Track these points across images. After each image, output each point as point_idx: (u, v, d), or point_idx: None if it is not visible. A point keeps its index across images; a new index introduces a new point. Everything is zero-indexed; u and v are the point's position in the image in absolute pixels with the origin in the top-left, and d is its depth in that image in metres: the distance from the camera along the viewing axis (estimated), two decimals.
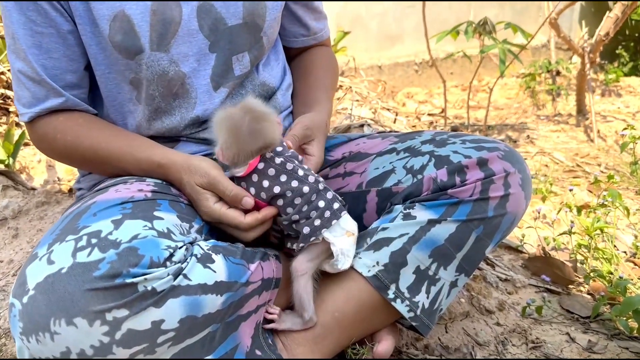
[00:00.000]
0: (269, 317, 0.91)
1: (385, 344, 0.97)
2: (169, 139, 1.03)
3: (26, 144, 1.68)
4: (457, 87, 3.55)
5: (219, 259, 0.82)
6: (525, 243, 1.48)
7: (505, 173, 0.94)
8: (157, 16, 0.95)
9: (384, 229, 0.95)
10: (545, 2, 2.99)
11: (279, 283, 0.92)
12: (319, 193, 0.91)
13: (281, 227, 0.94)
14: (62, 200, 1.35)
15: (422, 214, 0.93)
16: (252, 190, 0.89)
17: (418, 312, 0.94)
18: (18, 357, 0.73)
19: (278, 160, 0.89)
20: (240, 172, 0.89)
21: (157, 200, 0.88)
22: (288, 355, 0.91)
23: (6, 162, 1.49)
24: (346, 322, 0.94)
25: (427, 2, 3.72)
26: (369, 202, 1.03)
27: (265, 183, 0.89)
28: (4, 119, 1.86)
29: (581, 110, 2.89)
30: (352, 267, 0.93)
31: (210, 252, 0.82)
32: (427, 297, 0.94)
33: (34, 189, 1.46)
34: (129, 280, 0.70)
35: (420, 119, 2.63)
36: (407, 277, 0.93)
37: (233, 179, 0.91)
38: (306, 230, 0.90)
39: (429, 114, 2.71)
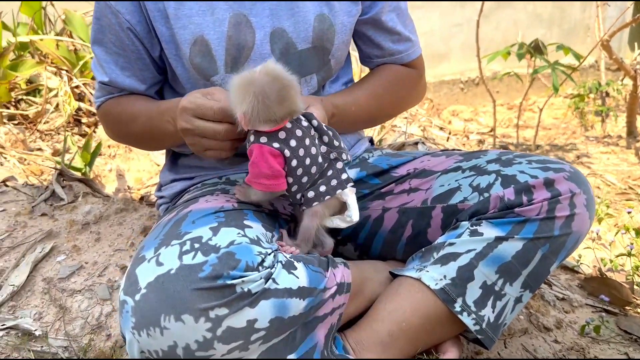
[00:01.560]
0: (289, 250, 0.93)
1: (450, 355, 1.01)
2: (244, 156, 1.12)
3: (99, 154, 1.79)
4: (503, 105, 3.56)
5: (300, 266, 0.88)
6: (581, 263, 1.49)
7: (571, 193, 0.98)
8: (232, 41, 1.03)
9: (450, 244, 0.99)
10: (595, 23, 2.99)
11: (350, 287, 0.97)
12: (330, 162, 0.95)
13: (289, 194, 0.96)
14: (139, 208, 1.44)
15: (489, 231, 0.97)
16: (276, 145, 0.88)
17: (484, 325, 0.97)
18: (127, 350, 0.80)
19: (305, 123, 0.91)
20: (268, 127, 0.87)
21: (243, 210, 0.95)
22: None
23: (83, 171, 1.60)
24: (412, 333, 0.98)
25: (474, 23, 3.77)
26: (433, 218, 1.08)
27: (293, 142, 0.89)
28: (75, 129, 1.99)
29: (632, 132, 2.86)
30: (419, 280, 0.98)
31: (292, 259, 0.89)
32: (493, 312, 0.98)
33: (107, 196, 1.56)
34: (228, 282, 0.77)
35: (469, 137, 2.66)
36: (473, 291, 0.97)
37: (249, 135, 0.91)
38: (311, 194, 0.94)
39: (478, 133, 2.73)
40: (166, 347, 0.76)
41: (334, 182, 0.95)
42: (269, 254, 0.84)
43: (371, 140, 1.36)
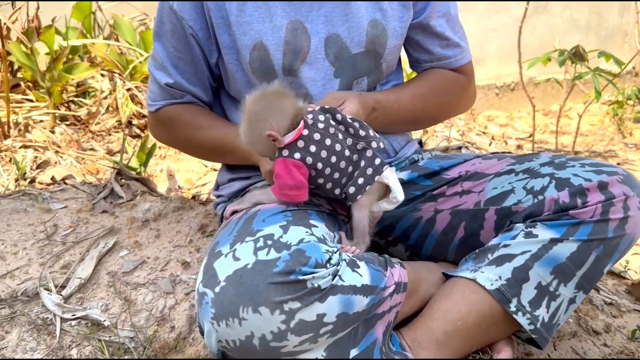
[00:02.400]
0: (350, 251, 0.97)
1: (504, 354, 1.04)
2: None
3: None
4: (539, 111, 3.54)
5: (362, 265, 0.92)
6: (629, 269, 1.50)
7: (624, 196, 0.99)
8: (289, 46, 1.08)
9: (505, 245, 1.02)
10: (635, 29, 2.97)
11: (406, 287, 1.00)
12: (360, 153, 0.98)
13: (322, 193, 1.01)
14: (195, 206, 1.50)
15: (544, 233, 1.00)
16: (297, 155, 0.93)
17: (538, 325, 1.00)
18: (205, 340, 0.85)
19: (321, 125, 0.95)
20: (288, 138, 0.93)
21: (307, 210, 1.00)
22: (413, 357, 1.00)
23: (138, 171, 1.67)
24: (467, 332, 1.01)
25: (509, 28, 3.76)
26: (487, 220, 1.10)
27: (313, 148, 0.93)
28: (126, 130, 2.06)
29: None
30: (474, 281, 1.01)
31: (355, 258, 0.93)
32: (547, 312, 1.00)
33: (162, 195, 1.63)
34: (300, 277, 0.81)
35: (507, 142, 2.67)
36: (528, 291, 0.99)
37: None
38: (352, 190, 0.97)
39: (517, 139, 2.74)
40: (243, 337, 0.81)
41: (369, 170, 0.98)
42: (335, 252, 0.88)
43: (420, 143, 1.39)
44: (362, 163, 0.98)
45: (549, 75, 2.83)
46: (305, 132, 0.94)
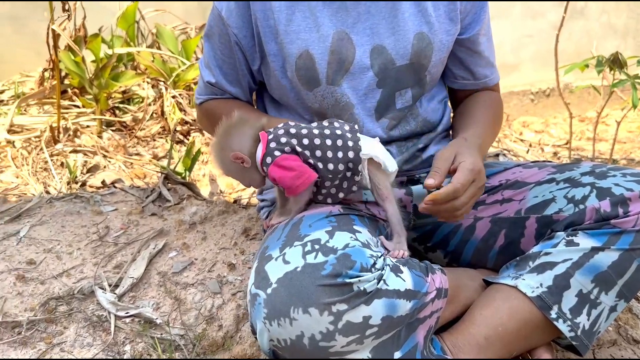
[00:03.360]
0: (400, 255, 1.00)
1: None
2: None
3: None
4: (575, 117, 3.51)
5: (405, 270, 0.95)
6: None
7: None
8: (334, 55, 1.12)
9: (546, 253, 1.04)
10: None
11: (447, 293, 1.03)
12: (332, 133, 1.00)
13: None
14: (238, 210, 1.55)
15: (585, 242, 1.01)
16: (277, 152, 0.99)
17: (579, 332, 1.01)
18: (258, 339, 0.90)
19: (280, 131, 1.00)
20: (259, 152, 1.00)
21: (349, 215, 1.03)
22: None
23: (183, 175, 1.73)
24: (508, 337, 1.03)
25: (545, 33, 3.73)
26: (527, 228, 1.12)
27: (286, 142, 0.99)
28: (169, 136, 2.13)
29: None
30: (516, 288, 1.03)
31: (398, 263, 0.96)
32: (588, 319, 1.02)
33: (205, 199, 1.69)
34: (347, 280, 0.85)
35: (543, 149, 2.66)
36: (569, 299, 1.01)
37: None
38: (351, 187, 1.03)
39: (553, 145, 2.72)
40: (294, 337, 0.85)
41: (350, 154, 1.00)
42: (379, 257, 0.92)
43: None
44: (339, 142, 1.00)
45: (586, 81, 2.81)
46: (271, 136, 1.00)
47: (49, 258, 1.36)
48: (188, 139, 2.08)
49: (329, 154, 0.99)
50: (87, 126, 2.16)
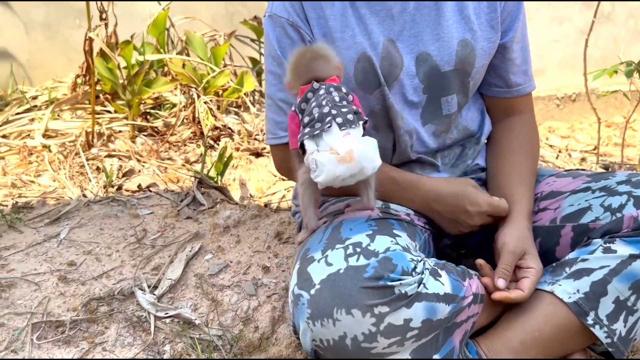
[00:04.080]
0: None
1: None
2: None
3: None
4: (601, 123, 3.47)
5: (444, 274, 0.97)
6: None
7: None
8: (385, 62, 1.14)
9: (583, 260, 1.04)
10: None
11: (483, 298, 1.04)
12: (330, 112, 0.95)
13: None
14: (270, 214, 1.58)
15: (623, 249, 1.02)
16: (292, 107, 1.03)
17: (615, 338, 1.01)
18: (300, 339, 0.92)
19: (321, 92, 0.99)
20: (295, 94, 1.04)
21: (388, 220, 1.05)
22: None
23: (215, 180, 1.77)
24: (544, 342, 1.04)
25: (571, 39, 3.70)
26: (563, 237, 1.13)
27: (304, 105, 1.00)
28: (199, 141, 2.18)
29: None
30: (552, 293, 1.04)
31: (436, 267, 0.98)
32: (625, 326, 1.02)
33: (237, 203, 1.72)
34: (389, 283, 0.87)
35: (571, 155, 2.64)
36: (606, 305, 1.01)
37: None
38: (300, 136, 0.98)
39: (581, 151, 2.71)
40: (337, 337, 0.87)
41: (317, 124, 0.96)
42: (419, 262, 0.94)
43: None
44: (318, 115, 0.97)
45: (612, 86, 2.79)
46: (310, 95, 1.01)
47: (88, 260, 1.41)
48: (218, 144, 2.11)
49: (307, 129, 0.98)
50: (120, 131, 2.21)
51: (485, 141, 1.30)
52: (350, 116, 0.96)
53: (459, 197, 1.14)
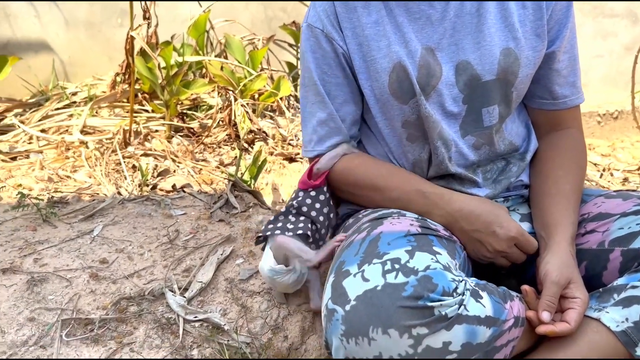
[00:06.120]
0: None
1: None
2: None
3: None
4: None
5: (485, 295, 0.93)
6: None
7: None
8: (422, 71, 1.10)
9: (634, 287, 0.99)
10: None
11: (524, 322, 0.99)
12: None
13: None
14: None
15: None
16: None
17: None
18: (333, 354, 0.89)
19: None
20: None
21: (428, 235, 1.02)
22: None
23: (249, 183, 1.76)
24: None
25: (615, 54, 3.60)
26: (611, 261, 1.07)
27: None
28: (234, 144, 2.18)
29: None
30: (598, 320, 0.99)
31: (477, 288, 0.94)
32: None
33: (269, 208, 1.70)
34: (428, 304, 0.84)
35: (613, 174, 2.56)
36: None
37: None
38: None
39: (624, 171, 2.62)
40: (371, 357, 0.84)
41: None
42: (460, 282, 0.90)
43: None
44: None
45: None
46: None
47: (120, 258, 1.41)
48: (252, 148, 2.11)
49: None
50: (156, 131, 2.22)
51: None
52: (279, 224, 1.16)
53: (490, 218, 1.08)
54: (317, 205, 1.16)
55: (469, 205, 1.09)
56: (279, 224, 1.16)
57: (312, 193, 1.17)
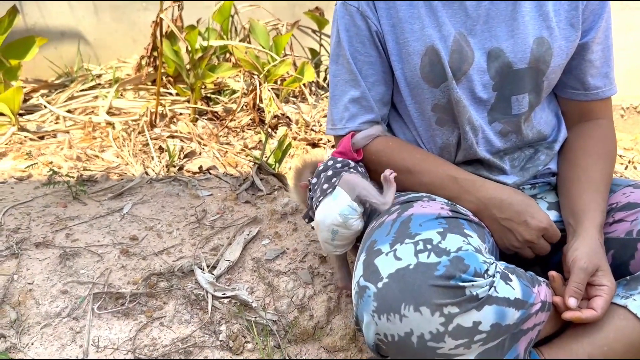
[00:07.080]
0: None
1: None
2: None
3: None
4: None
5: (514, 278, 0.94)
6: None
7: None
8: (454, 55, 1.11)
9: None
10: None
11: (551, 307, 1.01)
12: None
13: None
14: None
15: None
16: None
17: None
18: (364, 331, 0.91)
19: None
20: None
21: (458, 219, 1.03)
22: None
23: (273, 167, 1.78)
24: (613, 358, 1.00)
25: (638, 48, 3.55)
26: (639, 250, 1.08)
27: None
28: (257, 128, 2.19)
29: None
30: (625, 308, 0.99)
31: (506, 271, 0.95)
32: None
33: None
34: (460, 284, 0.85)
35: (636, 167, 2.54)
36: None
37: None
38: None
39: None
40: (402, 333, 0.86)
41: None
42: (491, 264, 0.91)
43: None
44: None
45: None
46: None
47: (150, 235, 1.44)
48: (276, 132, 2.12)
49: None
50: (181, 113, 2.25)
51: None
52: (325, 186, 1.07)
53: (522, 208, 1.08)
54: (360, 169, 1.15)
55: (500, 194, 1.10)
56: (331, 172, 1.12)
57: (352, 164, 1.16)
